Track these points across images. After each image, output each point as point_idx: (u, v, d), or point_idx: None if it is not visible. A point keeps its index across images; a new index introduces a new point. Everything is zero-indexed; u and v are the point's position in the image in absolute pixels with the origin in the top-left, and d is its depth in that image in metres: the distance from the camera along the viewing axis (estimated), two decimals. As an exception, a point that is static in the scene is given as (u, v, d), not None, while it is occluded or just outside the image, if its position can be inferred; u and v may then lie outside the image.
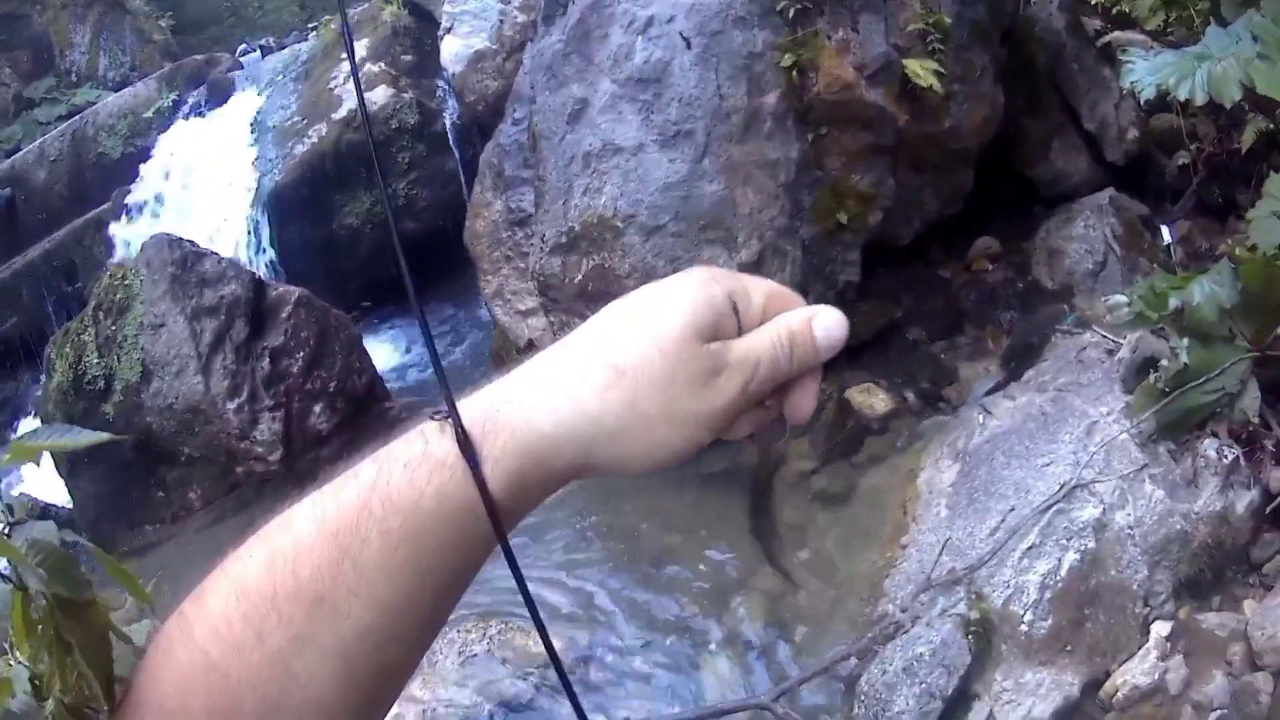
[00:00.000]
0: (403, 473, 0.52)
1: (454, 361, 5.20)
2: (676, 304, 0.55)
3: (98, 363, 5.00)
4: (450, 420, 0.52)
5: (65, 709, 0.56)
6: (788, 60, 4.21)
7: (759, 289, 0.58)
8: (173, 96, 6.07)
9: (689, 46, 4.13)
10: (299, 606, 0.51)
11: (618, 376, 0.53)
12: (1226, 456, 3.14)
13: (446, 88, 5.29)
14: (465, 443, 0.52)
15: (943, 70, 4.49)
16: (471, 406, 0.54)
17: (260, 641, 0.51)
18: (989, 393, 4.05)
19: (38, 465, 0.67)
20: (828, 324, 0.58)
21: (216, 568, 0.54)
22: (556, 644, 3.46)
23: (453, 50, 5.22)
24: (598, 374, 0.53)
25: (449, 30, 5.25)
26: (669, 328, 0.54)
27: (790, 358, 0.57)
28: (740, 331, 0.57)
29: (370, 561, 0.51)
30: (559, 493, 0.59)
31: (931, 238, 4.67)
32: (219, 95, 5.97)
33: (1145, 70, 3.32)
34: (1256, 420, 3.13)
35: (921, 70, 4.45)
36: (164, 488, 5.15)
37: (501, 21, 5.26)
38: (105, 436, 0.64)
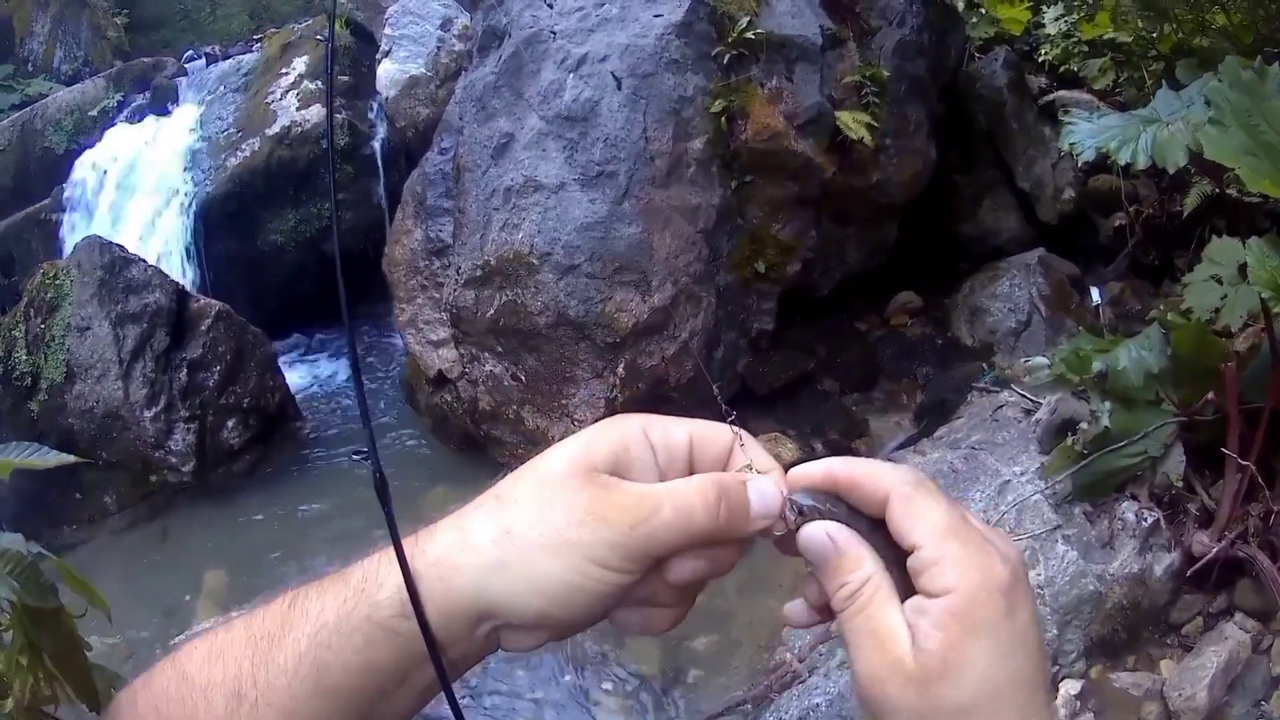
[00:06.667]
0: (336, 624, 0.55)
1: (366, 384, 5.16)
2: (570, 441, 0.56)
3: (26, 359, 5.00)
4: (362, 565, 0.57)
5: (23, 708, 0.61)
6: (718, 106, 4.21)
7: (681, 426, 0.57)
8: (118, 97, 6.06)
9: (620, 87, 4.13)
10: (226, 698, 0.55)
11: (498, 506, 0.55)
12: (1146, 519, 3.12)
13: (379, 111, 5.30)
14: (429, 640, 0.55)
15: (876, 123, 4.49)
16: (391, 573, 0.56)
17: None
18: (900, 447, 4.07)
19: (4, 479, 0.70)
20: (765, 489, 0.54)
21: (169, 654, 0.59)
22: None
23: (388, 74, 5.24)
24: (483, 506, 0.56)
25: (387, 54, 5.27)
26: (554, 461, 0.55)
27: (716, 514, 0.53)
28: (658, 468, 0.56)
29: (282, 688, 0.54)
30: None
31: (851, 290, 4.67)
32: (161, 101, 5.96)
33: (1086, 133, 3.22)
34: (1180, 484, 3.12)
35: (853, 122, 4.46)
36: (81, 490, 5.13)
37: (439, 49, 5.28)
38: (70, 458, 0.68)
